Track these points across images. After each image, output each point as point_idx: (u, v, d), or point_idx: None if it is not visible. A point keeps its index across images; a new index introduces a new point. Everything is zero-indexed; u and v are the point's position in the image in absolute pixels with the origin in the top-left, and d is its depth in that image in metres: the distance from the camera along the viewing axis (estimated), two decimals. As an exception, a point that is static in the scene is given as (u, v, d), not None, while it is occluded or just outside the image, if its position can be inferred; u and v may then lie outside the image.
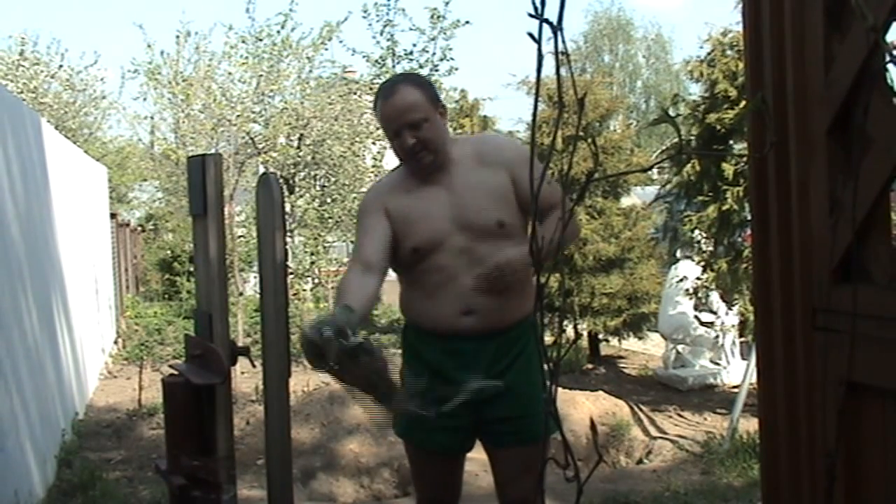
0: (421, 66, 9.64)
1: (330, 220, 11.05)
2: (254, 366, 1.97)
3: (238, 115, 8.68)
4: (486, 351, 2.42)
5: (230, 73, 9.19)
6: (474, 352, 2.42)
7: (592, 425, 6.17)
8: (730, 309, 8.05)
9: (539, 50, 0.94)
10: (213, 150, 8.44)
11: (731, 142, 6.86)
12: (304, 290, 12.19)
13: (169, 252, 14.82)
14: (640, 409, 7.23)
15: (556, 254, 1.13)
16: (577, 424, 5.86)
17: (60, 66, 14.65)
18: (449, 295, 2.41)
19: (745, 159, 5.28)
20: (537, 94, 1.05)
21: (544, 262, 1.16)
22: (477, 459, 2.86)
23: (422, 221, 2.42)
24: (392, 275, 2.56)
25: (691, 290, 7.68)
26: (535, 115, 1.08)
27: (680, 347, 8.52)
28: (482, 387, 2.33)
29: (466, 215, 2.39)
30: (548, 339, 1.12)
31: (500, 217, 2.40)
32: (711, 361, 8.56)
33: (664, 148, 18.39)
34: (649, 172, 15.24)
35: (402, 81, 2.48)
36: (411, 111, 2.36)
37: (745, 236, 6.62)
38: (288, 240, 10.78)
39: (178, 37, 9.51)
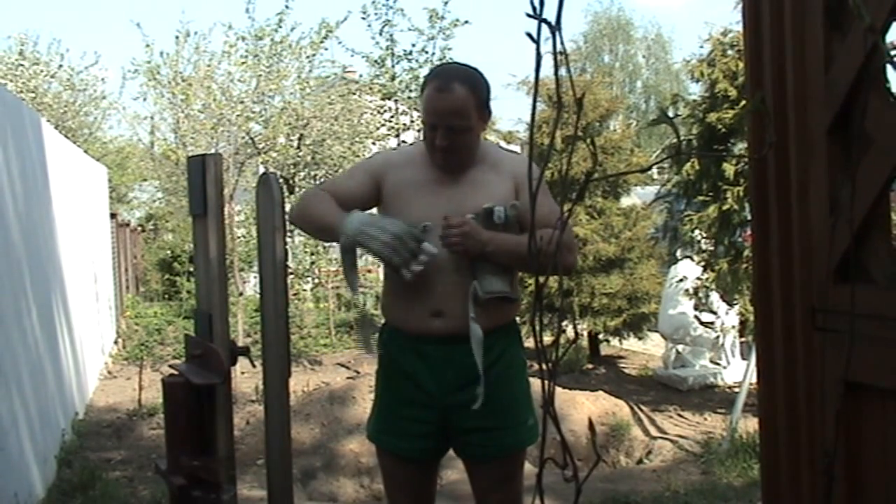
0: (420, 66, 9.64)
1: (330, 220, 11.04)
2: (254, 366, 1.98)
3: (238, 115, 8.68)
4: (456, 357, 2.32)
5: (230, 73, 9.19)
6: (442, 355, 2.35)
7: (591, 426, 6.17)
8: (730, 309, 8.05)
9: (537, 50, 0.94)
10: (213, 150, 8.44)
11: (731, 142, 6.86)
12: (304, 290, 12.21)
13: (169, 252, 14.83)
14: (640, 409, 7.23)
15: (549, 268, 1.13)
16: (578, 424, 5.86)
17: (60, 65, 14.66)
18: (421, 294, 2.34)
19: (745, 159, 5.28)
20: (535, 94, 1.05)
21: (537, 269, 1.15)
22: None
23: (413, 204, 2.35)
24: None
25: (691, 290, 7.68)
26: (533, 114, 1.08)
27: (680, 347, 8.52)
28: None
29: (460, 210, 2.33)
30: (547, 339, 1.12)
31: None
32: (711, 361, 8.56)
33: (664, 147, 18.39)
34: (649, 172, 15.24)
35: (459, 79, 2.31)
36: (457, 117, 2.29)
37: (745, 236, 6.61)
38: (288, 240, 10.78)
39: (177, 37, 9.50)
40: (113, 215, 11.41)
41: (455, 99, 2.28)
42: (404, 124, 10.02)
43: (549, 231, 1.84)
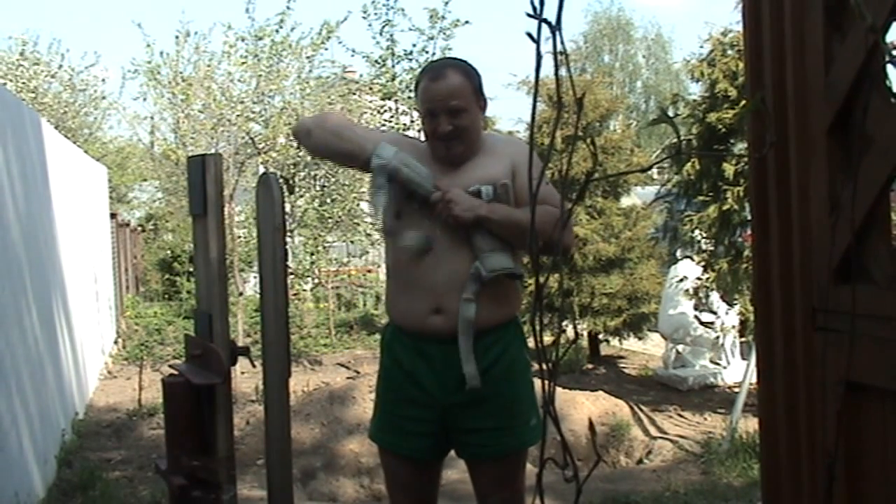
0: (420, 67, 9.63)
1: (330, 220, 11.05)
2: (254, 366, 1.98)
3: (238, 115, 8.68)
4: (457, 357, 2.31)
5: (230, 73, 9.18)
6: (443, 355, 2.35)
7: (591, 426, 6.16)
8: (730, 309, 8.05)
9: (538, 50, 0.94)
10: (213, 150, 8.44)
11: (731, 142, 6.86)
12: (304, 290, 12.20)
13: (169, 252, 14.83)
14: (640, 409, 7.23)
15: (549, 249, 1.13)
16: (578, 424, 5.86)
17: (60, 66, 14.67)
18: (421, 291, 2.35)
19: (745, 159, 5.28)
20: (536, 94, 1.05)
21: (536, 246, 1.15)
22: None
23: None
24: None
25: (691, 290, 7.68)
26: (533, 115, 1.08)
27: (680, 347, 8.52)
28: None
29: None
30: (547, 339, 1.11)
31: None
32: (711, 361, 8.56)
33: (664, 147, 18.39)
34: (649, 172, 15.24)
35: (452, 66, 2.40)
36: (454, 97, 2.33)
37: (745, 236, 6.61)
38: (288, 240, 10.78)
39: (177, 37, 9.50)
40: (113, 215, 11.41)
41: (451, 82, 2.34)
42: (404, 124, 10.02)
43: (548, 208, 1.84)
